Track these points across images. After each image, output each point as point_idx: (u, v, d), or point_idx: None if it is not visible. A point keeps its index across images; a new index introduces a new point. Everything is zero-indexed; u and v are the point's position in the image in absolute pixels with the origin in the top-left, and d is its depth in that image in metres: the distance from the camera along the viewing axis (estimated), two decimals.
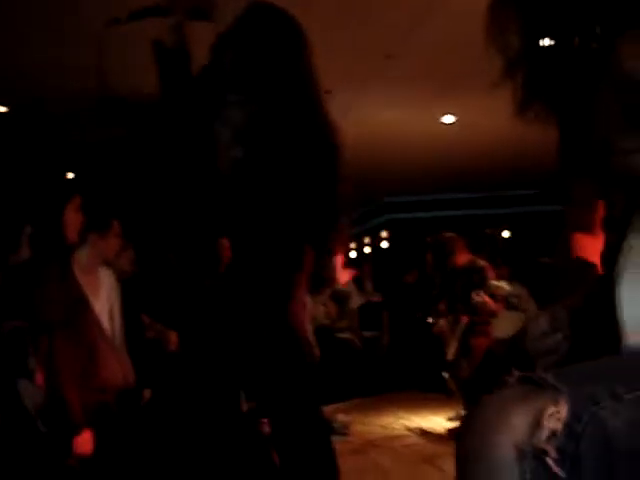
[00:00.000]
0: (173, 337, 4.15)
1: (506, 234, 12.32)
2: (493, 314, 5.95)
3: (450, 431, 6.14)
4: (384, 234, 13.27)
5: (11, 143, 8.08)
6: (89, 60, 5.92)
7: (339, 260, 8.17)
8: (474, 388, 6.01)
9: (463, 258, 6.46)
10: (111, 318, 3.58)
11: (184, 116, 2.42)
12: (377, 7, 4.86)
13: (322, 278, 7.89)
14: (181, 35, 2.28)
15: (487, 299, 5.97)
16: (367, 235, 14.23)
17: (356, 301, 9.39)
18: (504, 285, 6.07)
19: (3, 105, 7.24)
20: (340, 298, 9.02)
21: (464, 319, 6.16)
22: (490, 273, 6.28)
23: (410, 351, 8.56)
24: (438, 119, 7.63)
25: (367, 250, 14.34)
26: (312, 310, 8.28)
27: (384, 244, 13.27)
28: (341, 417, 6.37)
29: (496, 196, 12.16)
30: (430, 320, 6.84)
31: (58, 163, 9.06)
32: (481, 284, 6.09)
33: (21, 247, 2.74)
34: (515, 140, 7.41)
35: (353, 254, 14.72)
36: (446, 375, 6.45)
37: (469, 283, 6.17)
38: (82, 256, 3.48)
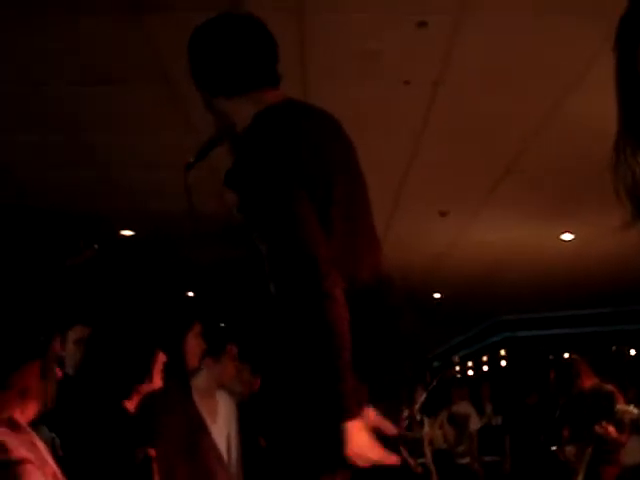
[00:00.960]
0: None
1: (632, 352, 11.76)
2: (619, 444, 5.60)
3: None
4: (502, 352, 12.92)
5: (138, 266, 8.48)
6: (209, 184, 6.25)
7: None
8: None
9: (589, 381, 6.15)
10: (228, 443, 3.57)
11: None
12: (492, 125, 4.89)
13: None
14: None
15: (611, 429, 5.62)
16: (484, 354, 13.90)
17: (475, 424, 9.08)
18: (632, 409, 5.72)
19: (130, 229, 7.65)
20: (458, 421, 8.74)
21: (590, 448, 5.81)
22: (619, 398, 5.94)
23: (533, 478, 8.11)
24: (556, 236, 7.50)
25: (485, 369, 13.96)
26: (429, 434, 8.05)
27: (502, 362, 12.90)
28: None
29: (620, 311, 11.69)
30: (554, 447, 6.47)
31: (180, 283, 9.39)
32: (609, 411, 5.75)
33: (153, 375, 2.81)
34: (636, 255, 7.18)
35: (470, 373, 14.38)
36: None
37: (596, 409, 5.84)
38: (200, 381, 3.51)
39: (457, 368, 13.66)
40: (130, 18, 3.71)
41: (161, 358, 2.86)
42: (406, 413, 6.61)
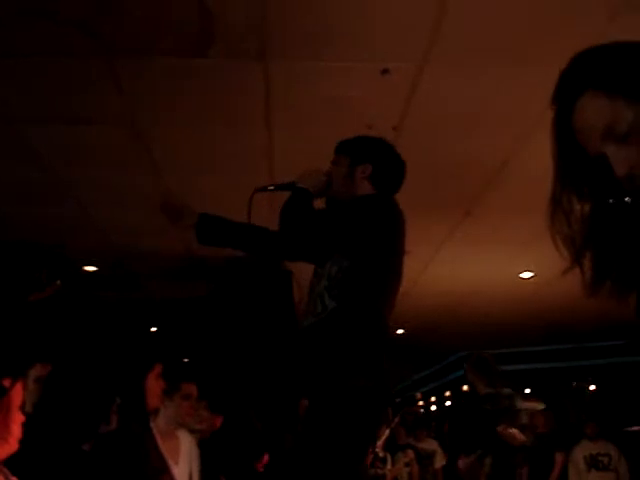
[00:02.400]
0: None
1: (592, 387, 11.89)
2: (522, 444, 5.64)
3: None
4: (465, 388, 12.96)
5: (100, 302, 8.42)
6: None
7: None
8: None
9: (547, 429, 6.24)
10: None
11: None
12: (452, 169, 5.00)
13: None
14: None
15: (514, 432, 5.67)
16: (448, 389, 13.95)
17: (440, 460, 9.08)
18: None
19: (93, 265, 7.62)
20: (423, 458, 8.74)
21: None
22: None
23: None
24: (516, 274, 7.62)
25: (448, 404, 14.00)
26: (393, 471, 8.03)
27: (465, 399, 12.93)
28: None
29: (581, 347, 11.84)
30: None
31: (143, 319, 9.33)
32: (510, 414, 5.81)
33: (111, 417, 2.83)
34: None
35: (433, 408, 14.40)
36: None
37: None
38: (160, 422, 3.52)
39: (420, 404, 13.69)
40: (98, 61, 3.76)
41: (116, 400, 2.87)
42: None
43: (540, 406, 5.87)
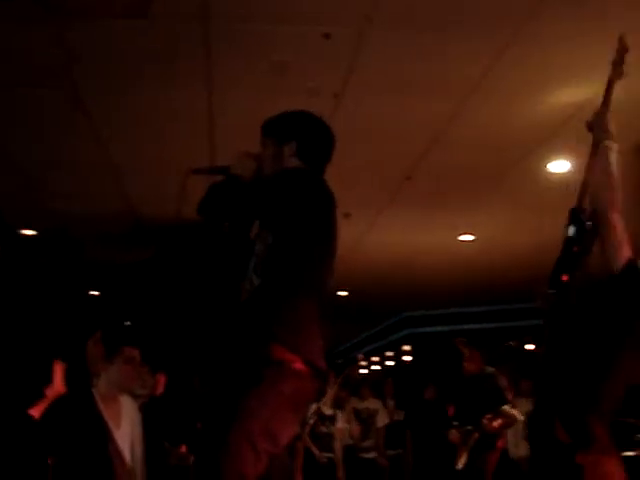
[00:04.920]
0: None
1: (529, 347, 12.19)
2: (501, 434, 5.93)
3: None
4: (407, 348, 13.21)
5: (40, 265, 8.30)
6: (112, 187, 6.21)
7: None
8: None
9: (473, 366, 6.41)
10: (132, 446, 3.58)
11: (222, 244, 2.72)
12: (392, 132, 5.03)
13: None
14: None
15: (496, 424, 5.93)
16: (389, 350, 14.18)
17: (383, 420, 9.25)
18: (516, 414, 6.06)
19: (32, 229, 7.50)
20: (364, 417, 8.90)
21: (475, 434, 6.08)
22: (501, 379, 6.21)
23: (434, 468, 8.35)
24: (456, 237, 7.75)
25: (389, 364, 14.24)
26: (341, 429, 8.18)
27: (407, 358, 13.18)
28: None
29: (518, 308, 12.10)
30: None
31: (84, 283, 9.24)
32: (492, 393, 6.04)
33: (55, 379, 2.82)
34: (533, 253, 7.50)
35: (375, 368, 14.64)
36: None
37: (479, 393, 6.11)
38: (101, 387, 3.52)
39: (362, 364, 13.88)
40: (38, 24, 3.68)
41: (60, 365, 2.86)
42: (314, 408, 6.70)
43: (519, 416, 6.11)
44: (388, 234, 7.57)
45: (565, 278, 2.76)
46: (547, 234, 7.28)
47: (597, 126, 2.84)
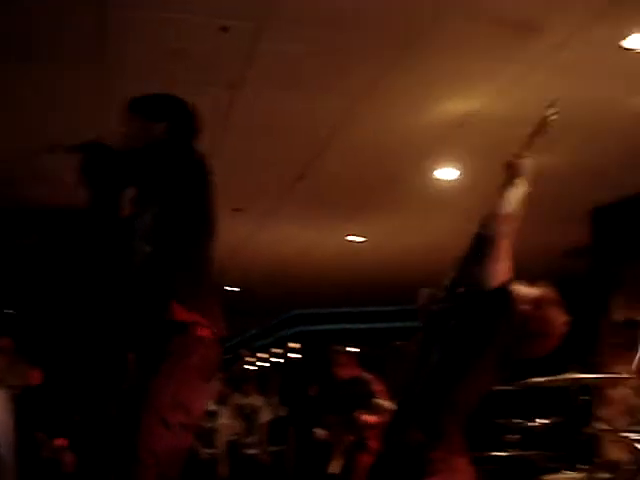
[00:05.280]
0: (69, 457, 4.03)
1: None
2: (376, 427, 6.04)
3: None
4: (294, 345, 13.28)
5: None
6: None
7: None
8: None
9: (349, 371, 6.54)
10: (3, 437, 3.48)
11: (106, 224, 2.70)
12: (286, 130, 5.06)
13: None
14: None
15: (369, 417, 6.06)
16: (277, 347, 14.22)
17: (266, 415, 9.27)
18: (387, 403, 6.18)
19: None
20: (247, 412, 8.90)
21: (349, 435, 6.19)
22: (377, 386, 6.34)
23: (315, 466, 8.44)
24: (345, 238, 7.86)
25: (276, 361, 14.28)
26: (224, 425, 8.16)
27: (295, 355, 13.25)
28: None
29: (408, 310, 12.36)
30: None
31: None
32: (365, 397, 6.17)
33: None
34: (421, 255, 7.72)
35: (262, 365, 14.64)
36: None
37: (354, 398, 6.24)
38: None
39: (248, 360, 13.87)
40: None
41: None
42: None
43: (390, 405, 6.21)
44: (279, 231, 7.60)
45: (460, 291, 2.86)
46: (435, 238, 7.55)
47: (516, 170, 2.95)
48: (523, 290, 2.71)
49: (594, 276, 6.94)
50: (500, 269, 2.71)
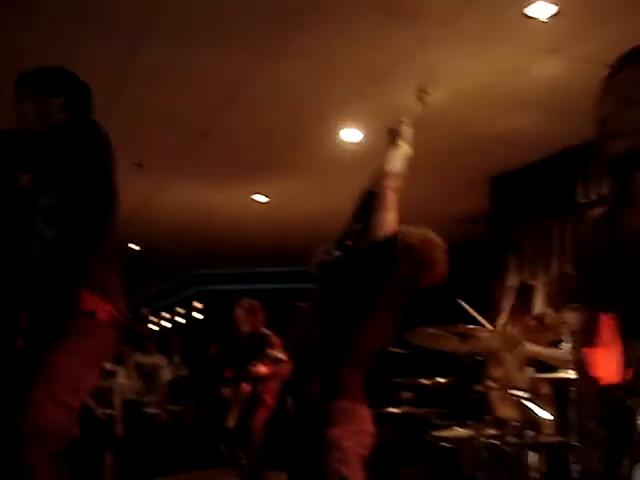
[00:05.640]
0: None
1: None
2: (269, 377, 6.12)
3: None
4: (197, 305, 13.21)
5: None
6: None
7: None
8: (254, 461, 6.06)
9: (249, 326, 6.58)
10: None
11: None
12: (189, 85, 4.94)
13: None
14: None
15: (262, 369, 6.12)
16: (180, 306, 14.10)
17: (167, 375, 9.21)
18: (282, 354, 6.25)
19: None
20: (147, 371, 8.82)
21: (246, 388, 6.23)
22: (275, 341, 6.40)
23: (215, 425, 8.48)
24: (249, 197, 7.80)
25: (179, 321, 14.18)
26: (121, 384, 8.04)
27: (198, 315, 13.18)
28: None
29: (310, 271, 12.43)
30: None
31: None
32: (261, 350, 6.23)
33: None
34: (324, 218, 7.74)
35: (164, 324, 14.52)
36: (222, 447, 6.37)
37: (252, 351, 6.28)
38: None
39: (150, 319, 13.73)
40: None
41: None
42: None
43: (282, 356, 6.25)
44: (183, 189, 7.48)
45: (350, 244, 3.03)
46: (338, 200, 7.56)
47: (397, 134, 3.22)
48: (409, 229, 2.98)
49: (491, 242, 7.15)
50: (388, 220, 2.91)
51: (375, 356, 2.92)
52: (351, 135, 5.86)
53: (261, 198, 7.84)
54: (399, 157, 3.16)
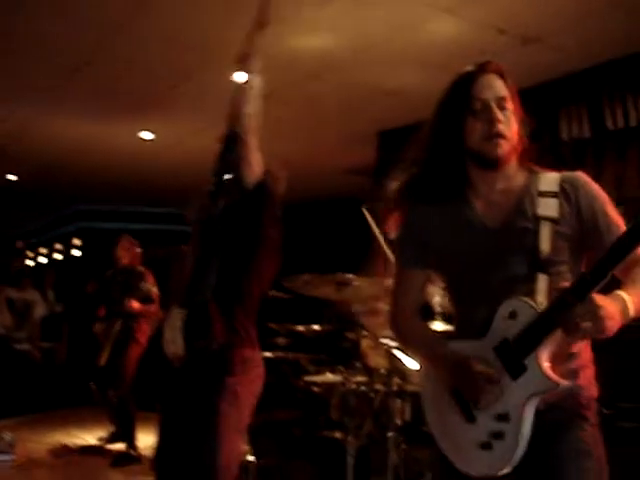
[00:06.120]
0: None
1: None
2: (140, 314, 6.11)
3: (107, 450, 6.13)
4: (75, 242, 12.85)
5: None
6: None
7: None
8: (124, 400, 6.04)
9: (127, 260, 6.51)
10: None
11: None
12: (79, 9, 4.70)
13: None
14: None
15: (135, 304, 6.08)
16: (58, 242, 13.68)
17: (40, 311, 9.00)
18: (155, 290, 6.25)
19: None
20: (19, 307, 8.60)
21: (118, 324, 6.17)
22: (148, 276, 6.37)
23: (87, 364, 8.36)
24: (135, 134, 7.59)
25: (57, 257, 13.77)
26: None
27: (76, 252, 12.84)
28: (6, 434, 6.00)
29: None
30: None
31: None
32: (136, 287, 6.19)
33: None
34: (210, 159, 7.62)
35: (44, 260, 14.09)
36: (93, 385, 6.33)
37: (125, 287, 6.23)
38: None
39: (25, 254, 13.30)
40: None
41: None
42: None
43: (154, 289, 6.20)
44: (66, 121, 7.18)
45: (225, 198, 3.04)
46: None
47: (244, 64, 3.32)
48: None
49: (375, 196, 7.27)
50: (254, 164, 2.98)
51: (266, 293, 3.01)
52: (242, 76, 5.76)
53: (147, 135, 7.63)
54: (253, 95, 3.16)
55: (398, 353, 4.29)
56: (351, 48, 5.10)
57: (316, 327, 5.44)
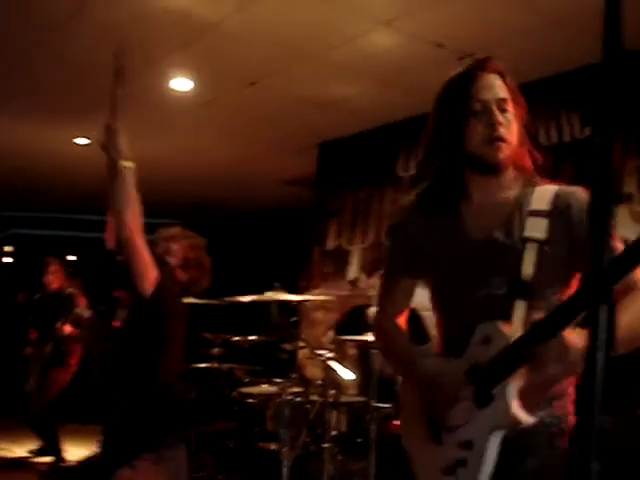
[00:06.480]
0: None
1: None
2: (74, 340, 6.07)
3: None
4: (7, 249, 12.53)
5: None
6: None
7: None
8: (45, 423, 5.96)
9: (56, 284, 6.46)
10: None
11: None
12: (11, 14, 4.58)
13: None
14: None
15: (67, 328, 6.04)
16: None
17: None
18: (87, 312, 6.21)
19: None
20: None
21: (49, 347, 6.12)
22: (80, 300, 6.33)
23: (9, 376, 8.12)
24: (70, 140, 7.43)
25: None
26: None
27: (8, 259, 12.52)
28: None
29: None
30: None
31: None
32: (67, 311, 6.15)
33: None
34: (147, 167, 7.51)
35: None
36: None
37: (56, 311, 6.18)
38: None
39: None
40: None
41: None
42: None
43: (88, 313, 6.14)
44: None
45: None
46: (163, 152, 7.42)
47: (109, 146, 2.98)
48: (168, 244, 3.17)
49: (314, 206, 7.28)
50: (149, 270, 2.88)
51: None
52: (181, 84, 5.71)
53: (82, 141, 7.48)
54: (128, 184, 2.85)
55: (334, 364, 4.29)
56: (287, 58, 5.09)
57: (252, 337, 5.40)
